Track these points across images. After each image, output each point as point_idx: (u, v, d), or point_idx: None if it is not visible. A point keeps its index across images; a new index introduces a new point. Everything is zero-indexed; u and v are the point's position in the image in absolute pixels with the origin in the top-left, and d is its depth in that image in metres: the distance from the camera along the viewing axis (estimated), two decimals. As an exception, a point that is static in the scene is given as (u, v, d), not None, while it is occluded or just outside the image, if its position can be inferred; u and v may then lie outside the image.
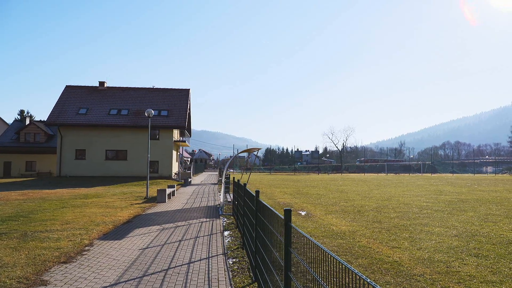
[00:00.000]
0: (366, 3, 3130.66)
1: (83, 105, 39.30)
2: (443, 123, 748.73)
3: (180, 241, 9.68)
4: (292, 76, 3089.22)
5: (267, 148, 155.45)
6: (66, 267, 7.11)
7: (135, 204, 17.60)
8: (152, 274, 6.83)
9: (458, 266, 7.03)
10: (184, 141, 47.20)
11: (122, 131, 38.04)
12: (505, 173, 74.56)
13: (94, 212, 14.48)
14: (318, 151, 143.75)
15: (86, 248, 8.71)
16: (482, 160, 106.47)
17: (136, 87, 43.74)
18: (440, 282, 6.16)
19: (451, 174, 67.43)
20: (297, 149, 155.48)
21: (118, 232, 10.75)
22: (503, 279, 6.31)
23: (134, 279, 6.53)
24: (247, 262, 7.63)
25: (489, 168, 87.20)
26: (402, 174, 67.59)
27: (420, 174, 67.34)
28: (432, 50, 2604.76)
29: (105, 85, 43.23)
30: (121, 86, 43.52)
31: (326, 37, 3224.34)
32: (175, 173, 42.04)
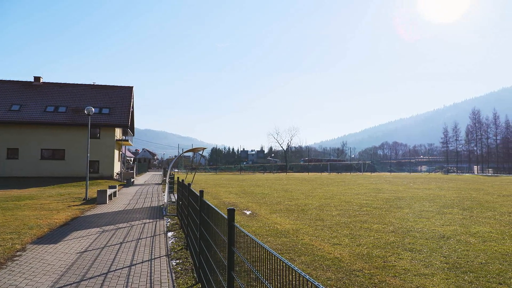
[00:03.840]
0: (312, 4, 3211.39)
1: (15, 101, 36.81)
2: (382, 124, 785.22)
3: (121, 243, 9.35)
4: (238, 76, 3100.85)
5: (213, 147, 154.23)
6: (-6, 275, 6.62)
7: (73, 206, 16.80)
8: (90, 278, 6.53)
9: (394, 261, 7.38)
10: (127, 140, 45.70)
11: (59, 129, 36.10)
12: (437, 171, 79.61)
13: (28, 215, 13.62)
14: (264, 151, 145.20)
15: (18, 253, 8.17)
16: (417, 160, 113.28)
17: (75, 83, 41.79)
18: (378, 277, 6.42)
19: (389, 173, 70.85)
20: (243, 148, 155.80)
21: (54, 235, 10.19)
22: (435, 271, 6.70)
23: (70, 284, 6.21)
24: (191, 263, 7.52)
25: (424, 167, 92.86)
26: (344, 173, 69.92)
27: (361, 173, 70.07)
28: (370, 60, 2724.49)
29: (40, 81, 40.85)
30: (59, 82, 41.36)
31: (272, 40, 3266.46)
32: (117, 173, 40.63)
